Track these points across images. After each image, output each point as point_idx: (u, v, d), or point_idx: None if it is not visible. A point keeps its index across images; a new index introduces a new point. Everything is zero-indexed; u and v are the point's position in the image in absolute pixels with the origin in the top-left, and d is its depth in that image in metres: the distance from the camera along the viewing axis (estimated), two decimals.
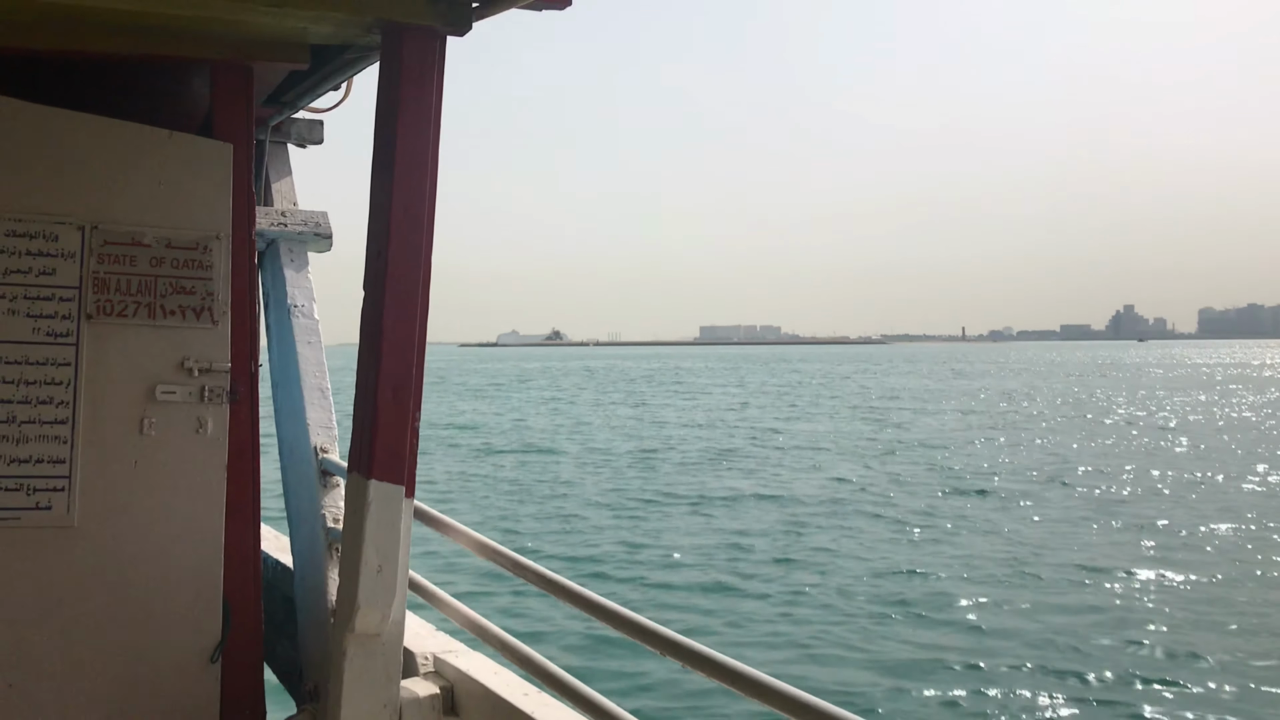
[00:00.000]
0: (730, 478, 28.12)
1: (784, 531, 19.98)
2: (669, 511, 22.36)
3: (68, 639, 3.63)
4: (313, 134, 5.39)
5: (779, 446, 36.37)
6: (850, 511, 22.41)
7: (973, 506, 23.37)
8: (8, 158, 3.64)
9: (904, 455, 33.65)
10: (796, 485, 26.60)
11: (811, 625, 13.35)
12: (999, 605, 14.38)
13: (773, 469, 30.16)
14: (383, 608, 3.31)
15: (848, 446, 36.32)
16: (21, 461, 3.61)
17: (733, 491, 25.30)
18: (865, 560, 17.31)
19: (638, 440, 38.43)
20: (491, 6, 3.26)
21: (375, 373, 3.29)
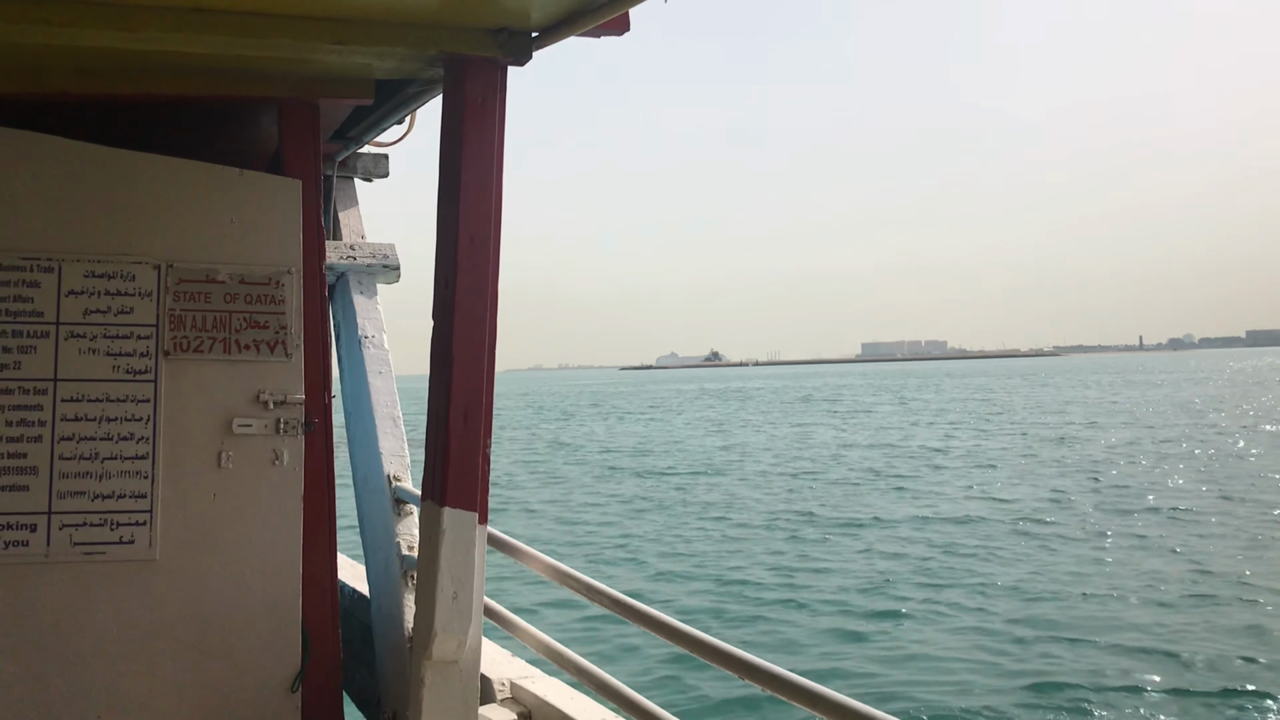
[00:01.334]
0: (887, 498, 26.91)
1: (943, 553, 19.03)
2: (825, 533, 21.54)
3: (152, 670, 3.70)
4: (378, 168, 5.49)
5: (937, 465, 34.71)
6: (1010, 533, 21.15)
7: (1144, 525, 21.60)
8: (86, 201, 3.75)
9: (1070, 472, 31.61)
10: (954, 506, 25.21)
11: (978, 653, 12.41)
12: (1179, 630, 13.26)
13: (931, 489, 28.73)
14: (459, 634, 3.33)
15: (1010, 464, 34.38)
16: (105, 497, 3.69)
17: (888, 513, 24.20)
18: (1029, 583, 16.24)
19: (793, 461, 37.13)
20: (551, 36, 3.29)
21: (446, 400, 3.33)
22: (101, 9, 2.94)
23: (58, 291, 3.70)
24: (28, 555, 3.61)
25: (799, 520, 23.35)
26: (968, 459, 36.25)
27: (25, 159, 3.70)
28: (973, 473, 32.18)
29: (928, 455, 37.89)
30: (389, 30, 3.20)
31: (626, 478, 33.35)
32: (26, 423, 3.65)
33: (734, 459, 38.58)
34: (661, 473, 34.33)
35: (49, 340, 3.69)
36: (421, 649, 3.36)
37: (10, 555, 3.60)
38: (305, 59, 3.54)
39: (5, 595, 3.57)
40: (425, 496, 3.40)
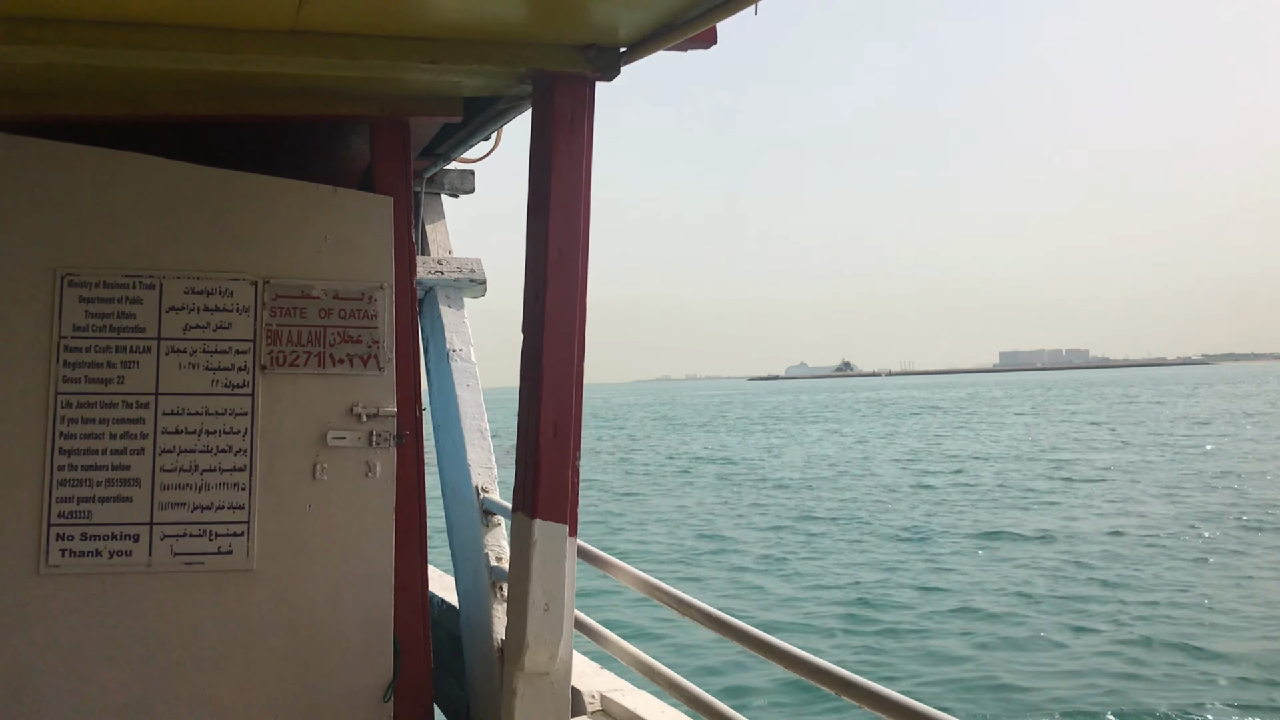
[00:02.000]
0: (1016, 513, 25.98)
1: (1074, 570, 18.25)
2: (952, 547, 21.03)
3: (249, 677, 3.77)
4: (464, 184, 5.56)
5: (1071, 478, 33.50)
6: (1151, 552, 20.09)
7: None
8: (186, 219, 3.85)
9: (1211, 487, 30.13)
10: (1090, 521, 24.08)
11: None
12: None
13: (1064, 503, 27.67)
14: (551, 646, 3.35)
15: (1150, 478, 32.87)
16: (204, 508, 3.79)
17: (1017, 527, 23.42)
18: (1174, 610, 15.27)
19: (922, 474, 36.26)
20: (639, 51, 3.31)
21: (536, 413, 3.35)
22: (203, 33, 3.03)
23: (159, 308, 3.81)
24: (131, 565, 3.72)
25: (933, 533, 22.85)
26: (1103, 471, 34.89)
27: (128, 179, 3.82)
28: (1106, 486, 31.03)
29: (1061, 467, 36.63)
30: (480, 48, 3.24)
31: (747, 487, 33.01)
32: (129, 435, 3.76)
33: (859, 470, 37.80)
34: (787, 484, 33.91)
35: (151, 355, 3.80)
36: (513, 660, 3.39)
37: (114, 565, 3.71)
38: (397, 78, 3.61)
39: (109, 603, 3.68)
40: (516, 509, 3.43)
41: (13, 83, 3.62)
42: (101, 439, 3.73)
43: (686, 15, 3.03)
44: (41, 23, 2.94)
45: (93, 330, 3.75)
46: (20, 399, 3.67)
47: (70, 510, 3.69)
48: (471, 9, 3.00)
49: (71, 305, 3.74)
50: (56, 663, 3.62)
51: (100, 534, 3.71)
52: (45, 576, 3.64)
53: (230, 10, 2.93)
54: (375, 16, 3.02)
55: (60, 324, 3.73)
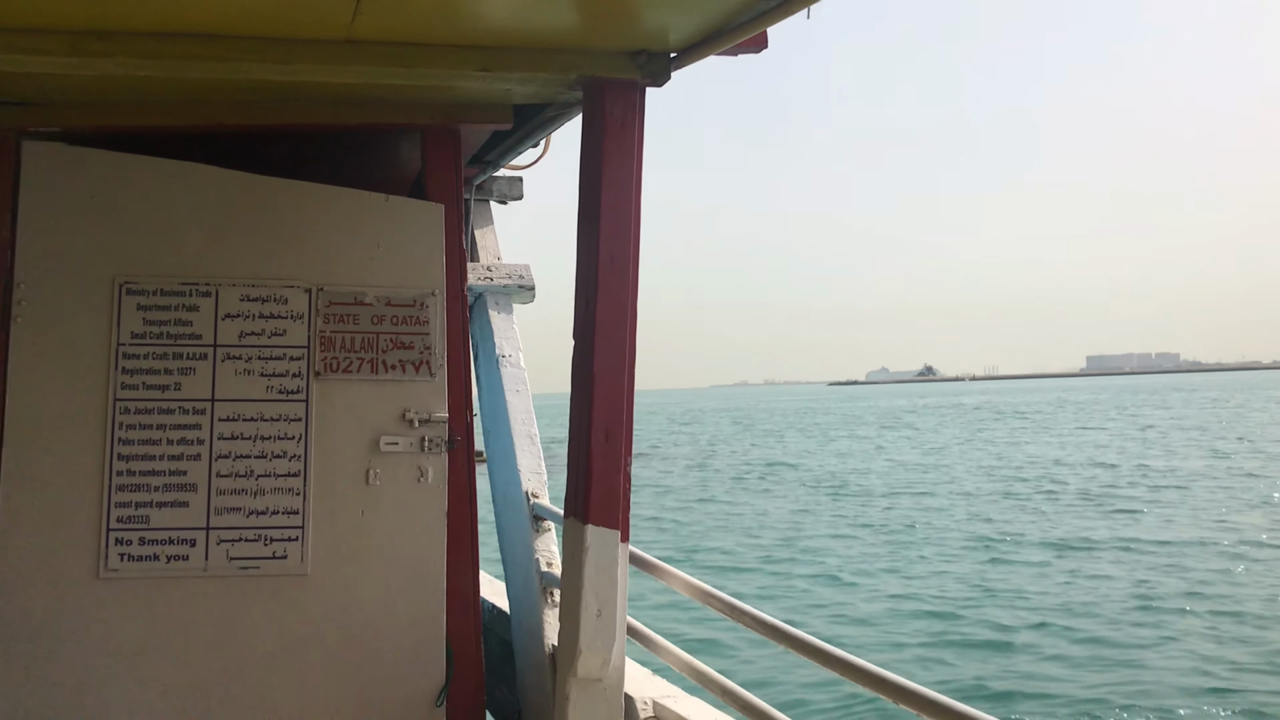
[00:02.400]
0: (1098, 521, 25.08)
1: (1167, 579, 17.55)
2: (1029, 556, 20.40)
3: (304, 681, 3.81)
4: (513, 190, 5.60)
5: (1155, 485, 32.21)
6: (1239, 562, 19.35)
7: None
8: (241, 227, 3.91)
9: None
10: (1173, 530, 23.15)
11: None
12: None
13: (1147, 511, 26.73)
14: (604, 652, 3.35)
15: (1235, 486, 31.46)
16: (259, 513, 3.83)
17: (1090, 534, 22.69)
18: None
19: (1000, 480, 35.32)
20: (690, 56, 3.31)
21: (588, 419, 3.36)
22: (259, 44, 3.07)
23: (215, 315, 3.87)
24: (188, 569, 3.77)
25: (1019, 542, 22.17)
26: (1190, 478, 33.68)
27: (185, 188, 3.88)
28: (1191, 493, 29.95)
29: (1147, 475, 35.38)
30: (531, 56, 3.26)
31: (824, 496, 32.55)
32: (186, 441, 3.81)
33: (939, 477, 37.01)
34: (864, 492, 33.28)
35: (207, 362, 3.85)
36: (566, 666, 3.39)
37: (172, 569, 3.76)
38: (449, 86, 3.64)
39: (168, 607, 3.73)
40: (568, 514, 3.44)
41: (74, 95, 3.70)
42: (159, 445, 3.79)
43: (738, 20, 3.03)
44: (102, 36, 2.99)
45: (150, 337, 3.81)
46: (80, 406, 3.74)
47: (129, 515, 3.75)
48: (524, 17, 3.01)
49: (130, 313, 3.80)
50: (117, 665, 3.68)
51: (158, 538, 3.76)
52: (105, 580, 3.70)
53: (286, 21, 2.97)
54: (429, 25, 3.04)
55: (119, 331, 3.79)
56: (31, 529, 3.67)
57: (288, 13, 2.90)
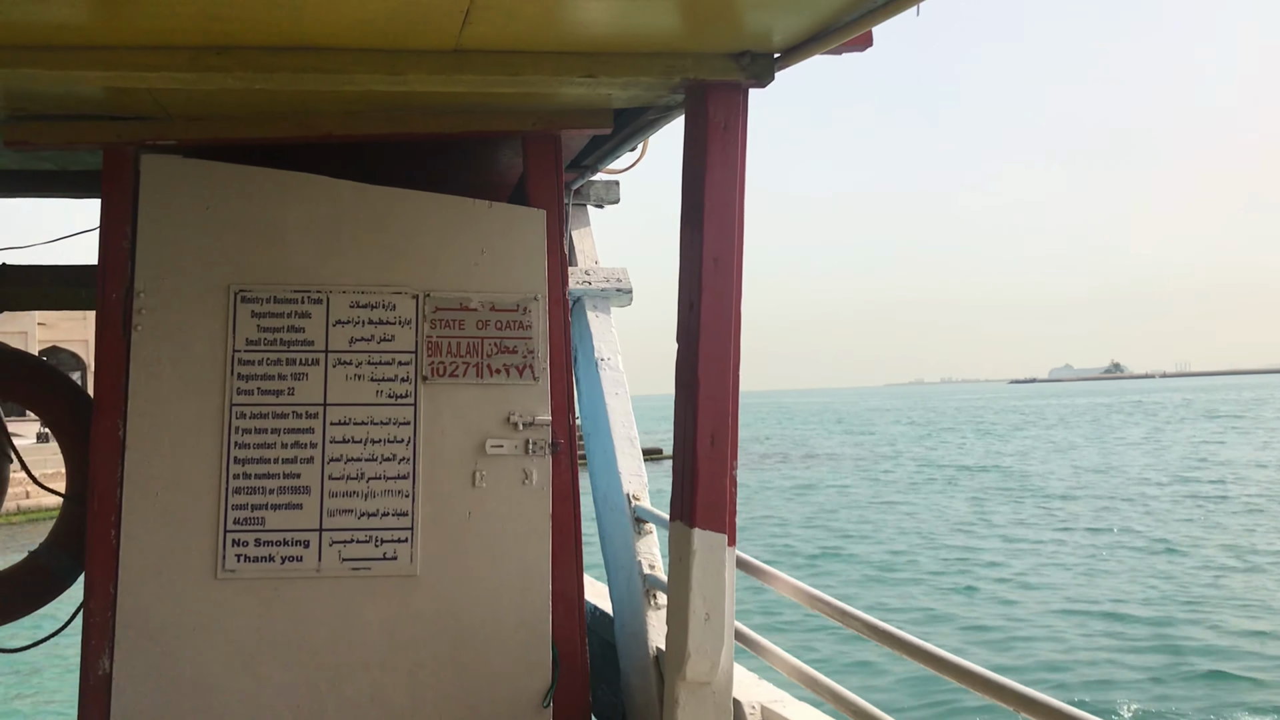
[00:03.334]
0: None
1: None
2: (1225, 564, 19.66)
3: (414, 681, 3.87)
4: (610, 194, 5.62)
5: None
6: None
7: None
8: (350, 235, 3.99)
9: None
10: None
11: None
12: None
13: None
14: (712, 656, 3.35)
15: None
16: (370, 515, 3.90)
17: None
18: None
19: (1185, 483, 34.05)
20: (793, 56, 3.29)
21: (693, 423, 3.36)
22: (370, 56, 3.13)
23: (326, 321, 3.95)
24: (302, 570, 3.86)
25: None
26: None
27: (296, 198, 3.97)
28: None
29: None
30: (635, 61, 3.27)
31: (998, 499, 31.76)
32: (300, 445, 3.90)
33: (1125, 480, 35.49)
34: (1041, 493, 32.41)
35: (319, 367, 3.94)
36: (674, 670, 3.39)
37: (287, 570, 3.85)
38: (551, 93, 3.66)
39: (283, 607, 3.82)
40: (674, 518, 3.44)
41: (191, 109, 3.81)
42: (274, 449, 3.88)
43: (843, 19, 3.00)
44: (220, 51, 3.08)
45: (264, 344, 3.91)
46: (198, 411, 3.85)
47: (245, 517, 3.85)
48: (627, 22, 3.02)
49: (245, 320, 3.91)
50: (235, 663, 3.78)
51: (273, 540, 3.86)
52: (222, 581, 3.81)
53: (396, 33, 3.02)
54: (535, 34, 3.07)
55: (234, 338, 3.90)
56: (152, 531, 3.79)
57: (398, 25, 2.95)
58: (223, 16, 2.85)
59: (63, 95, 3.62)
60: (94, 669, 3.74)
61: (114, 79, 3.12)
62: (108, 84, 3.24)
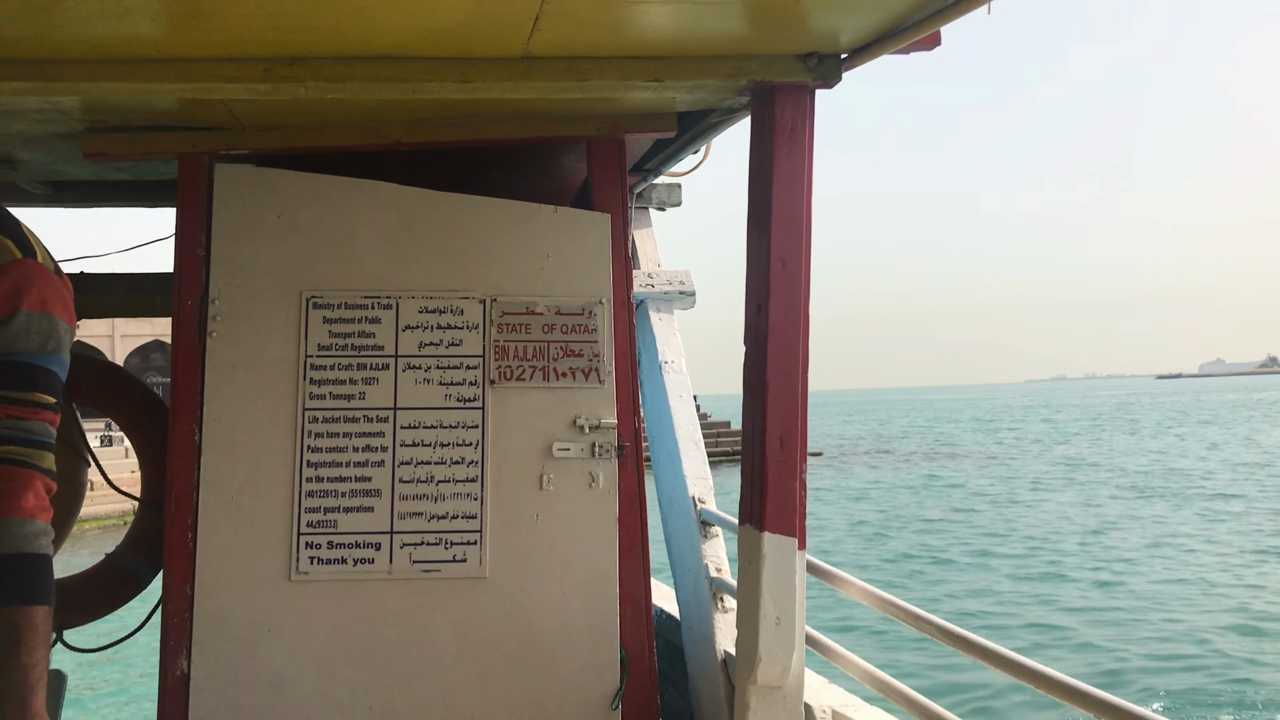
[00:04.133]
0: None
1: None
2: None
3: (484, 684, 3.90)
4: (672, 197, 5.63)
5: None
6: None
7: None
8: (418, 241, 4.03)
9: None
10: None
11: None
12: None
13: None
14: (783, 660, 3.33)
15: None
16: (439, 518, 3.94)
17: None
18: None
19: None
20: (861, 57, 3.27)
21: (762, 426, 3.35)
22: (440, 64, 3.16)
23: (395, 326, 4.00)
24: (374, 572, 3.90)
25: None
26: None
27: (366, 205, 4.02)
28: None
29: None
30: (701, 64, 3.27)
31: (1132, 498, 30.65)
32: (371, 449, 3.95)
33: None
34: (1171, 495, 31.27)
35: (389, 372, 3.99)
36: (745, 674, 3.39)
37: (359, 572, 3.90)
38: (617, 98, 3.67)
39: (356, 609, 3.88)
40: (743, 521, 3.43)
41: (263, 119, 3.87)
42: (345, 452, 3.94)
43: (912, 19, 2.97)
44: (293, 62, 3.13)
45: (336, 349, 3.96)
46: (272, 416, 3.92)
47: (318, 520, 3.91)
48: (694, 25, 3.02)
49: (316, 326, 3.97)
50: (308, 664, 3.84)
51: (345, 542, 3.91)
52: (296, 583, 3.87)
53: (465, 41, 3.05)
54: (602, 39, 3.08)
55: (306, 344, 3.96)
56: (228, 534, 3.86)
57: (467, 33, 2.97)
58: (296, 28, 2.89)
59: (139, 107, 3.69)
60: (172, 669, 3.81)
61: (191, 91, 3.18)
62: (184, 96, 3.30)
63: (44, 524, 2.13)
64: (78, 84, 3.10)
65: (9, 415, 2.15)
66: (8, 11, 2.70)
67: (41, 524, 2.12)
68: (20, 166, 4.56)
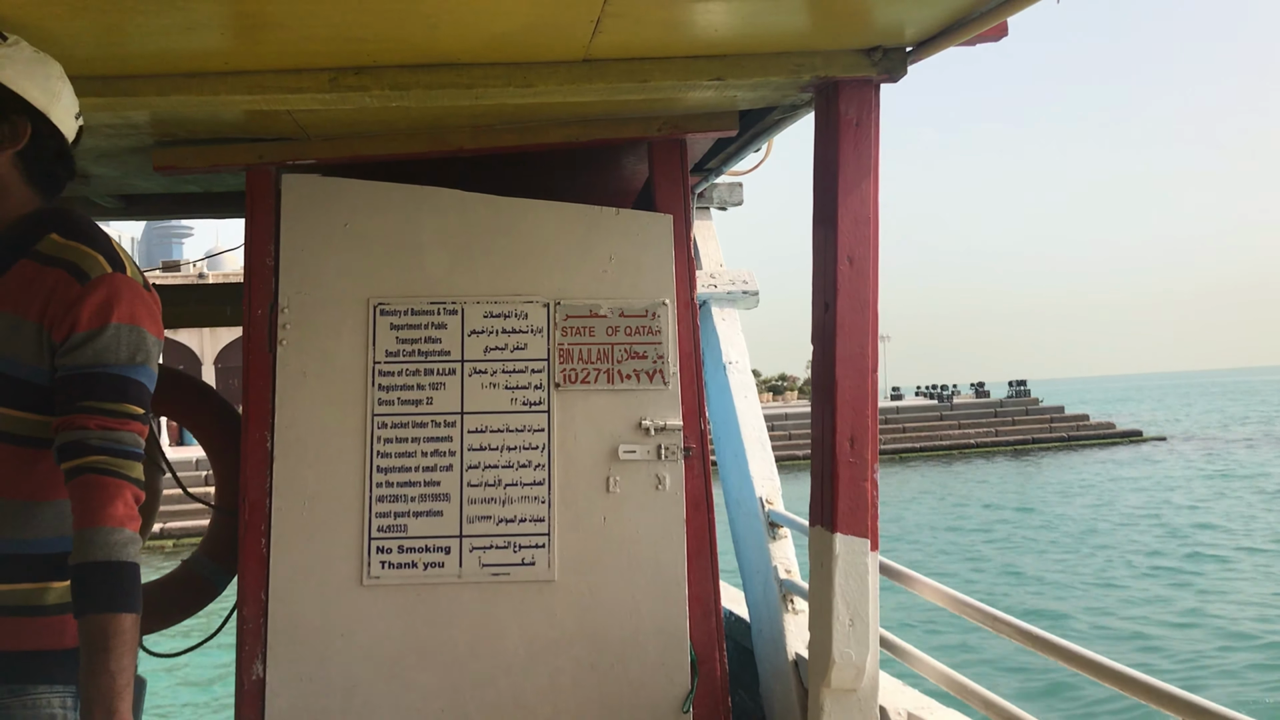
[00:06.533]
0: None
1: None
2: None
3: (554, 687, 3.90)
4: (733, 196, 5.61)
5: None
6: None
7: None
8: (482, 247, 4.05)
9: None
10: None
11: None
12: None
13: None
14: (857, 663, 3.30)
15: None
16: (508, 521, 3.95)
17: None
18: None
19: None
20: (926, 49, 3.23)
21: (832, 426, 3.32)
22: (503, 70, 3.17)
23: (461, 331, 4.02)
24: (444, 576, 3.93)
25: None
26: None
27: (430, 212, 4.05)
28: None
29: None
30: (764, 61, 3.24)
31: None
32: (439, 453, 3.98)
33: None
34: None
35: (455, 377, 4.01)
36: (819, 677, 3.36)
37: (428, 576, 3.92)
38: (679, 98, 3.66)
39: (427, 613, 3.90)
40: (814, 523, 3.40)
41: (328, 129, 3.92)
42: (414, 457, 3.96)
43: (979, 10, 2.92)
44: (359, 71, 3.16)
45: (403, 355, 3.99)
46: (341, 422, 3.96)
47: (388, 525, 3.94)
48: (756, 23, 3.00)
49: (384, 332, 4.00)
50: (380, 668, 3.87)
51: (415, 547, 3.94)
52: (367, 588, 3.90)
53: (528, 46, 3.05)
54: (664, 40, 3.07)
55: (374, 350, 3.99)
56: (301, 539, 3.91)
57: (530, 37, 2.98)
58: (361, 37, 2.92)
59: (207, 120, 3.76)
60: (249, 673, 3.86)
61: (258, 102, 3.22)
62: (252, 107, 3.34)
63: (133, 533, 2.17)
64: (149, 98, 3.16)
65: (100, 426, 2.19)
66: (80, 30, 2.76)
67: (130, 532, 2.16)
68: (93, 181, 4.66)
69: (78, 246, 2.31)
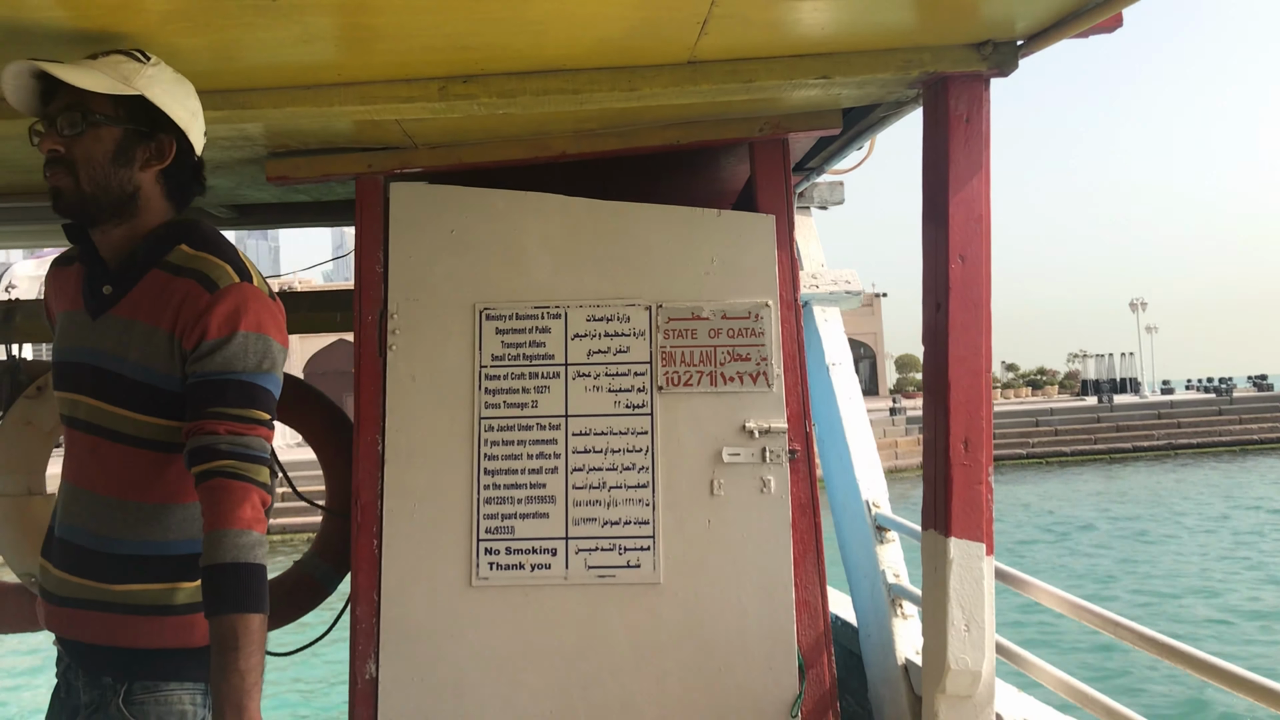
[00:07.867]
0: None
1: None
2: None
3: (661, 689, 3.90)
4: (834, 195, 5.55)
5: None
6: None
7: None
8: (585, 251, 4.07)
9: None
10: None
11: None
12: None
13: None
14: (973, 669, 3.24)
15: None
16: (612, 523, 3.97)
17: None
18: None
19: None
20: (1038, 43, 3.15)
21: (945, 428, 3.26)
22: (608, 74, 3.18)
23: (565, 335, 4.05)
24: (550, 578, 3.95)
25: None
26: None
27: (534, 217, 4.08)
28: None
29: None
30: (870, 58, 3.20)
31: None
32: (544, 456, 4.01)
33: None
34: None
35: (559, 380, 4.03)
36: (933, 683, 3.30)
37: (535, 577, 3.96)
38: (782, 98, 3.63)
39: (534, 614, 3.93)
40: (927, 526, 3.35)
41: (435, 137, 3.98)
42: (520, 459, 4.00)
43: (1093, 1, 2.85)
44: (467, 80, 3.20)
45: (508, 359, 4.03)
46: (449, 425, 4.01)
47: (495, 527, 3.98)
48: (863, 19, 2.96)
49: (489, 337, 4.05)
50: (489, 669, 3.91)
51: (522, 549, 3.97)
52: (476, 589, 3.95)
53: (633, 49, 3.06)
54: (769, 39, 3.05)
55: (480, 354, 4.04)
56: (411, 541, 3.97)
57: (635, 41, 2.99)
58: (470, 46, 2.96)
59: (317, 131, 3.84)
60: (361, 673, 3.94)
61: (370, 112, 3.29)
62: (364, 117, 3.41)
63: (260, 535, 2.23)
64: (265, 110, 3.24)
65: (229, 431, 2.26)
66: (200, 46, 2.84)
67: (257, 535, 2.22)
68: (207, 191, 4.79)
69: (207, 257, 2.38)
